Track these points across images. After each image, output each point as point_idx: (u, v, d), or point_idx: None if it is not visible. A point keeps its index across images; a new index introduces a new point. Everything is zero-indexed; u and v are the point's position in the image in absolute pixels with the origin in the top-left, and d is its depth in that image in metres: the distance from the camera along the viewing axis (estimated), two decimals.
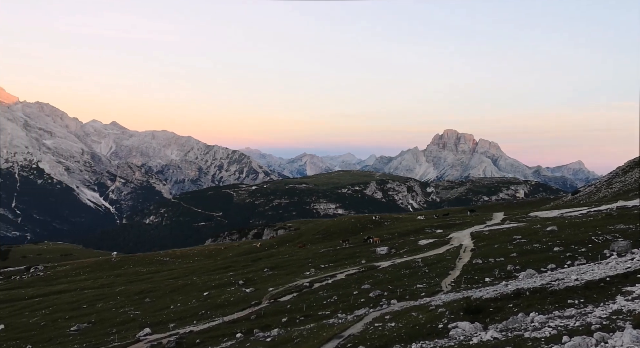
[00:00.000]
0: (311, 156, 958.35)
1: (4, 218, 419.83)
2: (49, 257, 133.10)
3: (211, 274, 61.54)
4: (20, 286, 76.67)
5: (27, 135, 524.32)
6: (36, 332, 39.58)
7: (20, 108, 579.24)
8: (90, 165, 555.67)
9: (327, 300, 33.26)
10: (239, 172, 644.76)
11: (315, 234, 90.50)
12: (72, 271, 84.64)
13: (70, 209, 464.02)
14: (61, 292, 60.46)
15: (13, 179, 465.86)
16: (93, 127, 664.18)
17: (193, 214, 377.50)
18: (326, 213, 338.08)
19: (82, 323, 40.55)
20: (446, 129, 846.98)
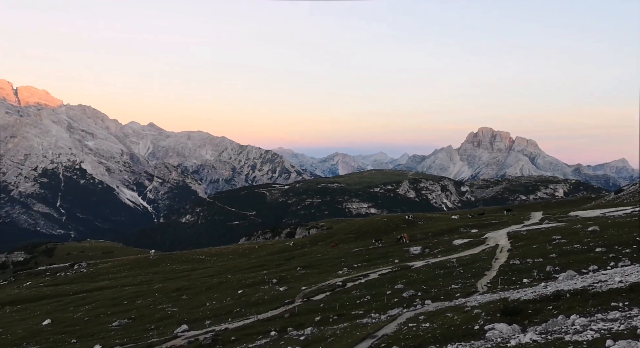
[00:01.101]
0: (343, 155, 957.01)
1: (49, 217, 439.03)
2: (92, 254, 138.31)
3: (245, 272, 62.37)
4: (65, 282, 79.99)
5: (70, 137, 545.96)
6: (80, 327, 41.15)
7: (64, 111, 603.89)
8: (129, 166, 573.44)
9: (360, 300, 33.19)
10: (271, 172, 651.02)
11: (347, 233, 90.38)
12: (113, 268, 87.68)
13: (110, 208, 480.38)
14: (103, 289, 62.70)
15: (58, 179, 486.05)
16: (132, 129, 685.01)
17: (227, 213, 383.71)
18: (358, 213, 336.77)
19: (122, 318, 41.87)
20: (481, 127, 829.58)
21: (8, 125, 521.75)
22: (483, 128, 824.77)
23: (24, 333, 40.49)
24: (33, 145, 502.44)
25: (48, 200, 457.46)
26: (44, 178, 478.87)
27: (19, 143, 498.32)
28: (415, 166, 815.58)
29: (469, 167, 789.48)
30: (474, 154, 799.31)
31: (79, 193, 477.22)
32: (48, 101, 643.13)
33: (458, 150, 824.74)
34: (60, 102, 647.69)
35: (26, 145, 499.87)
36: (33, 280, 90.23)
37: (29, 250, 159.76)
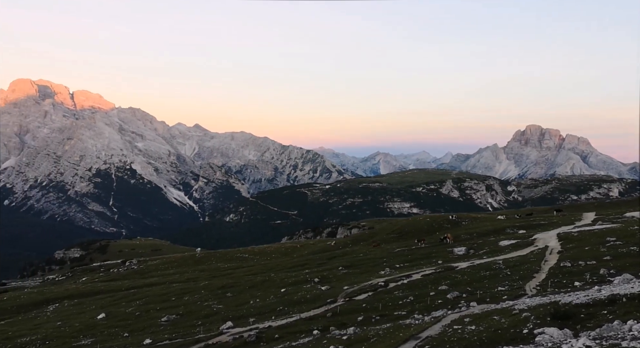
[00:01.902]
0: (385, 155, 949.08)
1: (103, 216, 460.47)
2: (141, 251, 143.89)
3: (288, 271, 63.03)
4: (117, 278, 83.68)
5: (121, 139, 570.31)
6: (132, 321, 42.94)
7: (116, 113, 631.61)
8: (176, 166, 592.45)
9: (402, 300, 32.87)
10: (313, 172, 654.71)
11: (389, 233, 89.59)
12: (161, 265, 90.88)
13: (159, 207, 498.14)
14: (152, 285, 65.04)
15: (110, 179, 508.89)
16: (178, 130, 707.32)
17: (269, 213, 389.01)
18: (400, 213, 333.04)
19: (171, 314, 43.29)
20: (529, 125, 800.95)
21: (65, 127, 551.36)
22: (531, 125, 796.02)
23: (80, 326, 42.65)
24: (88, 147, 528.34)
25: (101, 199, 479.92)
26: (97, 179, 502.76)
27: (75, 145, 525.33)
28: (459, 165, 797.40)
29: (515, 166, 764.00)
30: (521, 152, 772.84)
31: (129, 192, 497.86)
32: (101, 104, 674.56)
33: (504, 148, 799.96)
34: (112, 105, 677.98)
35: (81, 146, 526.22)
36: (88, 275, 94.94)
37: (84, 247, 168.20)
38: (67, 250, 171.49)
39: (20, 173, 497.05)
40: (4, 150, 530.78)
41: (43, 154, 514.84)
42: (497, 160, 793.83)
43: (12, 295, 70.77)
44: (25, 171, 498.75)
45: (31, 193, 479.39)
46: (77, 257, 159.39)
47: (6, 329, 46.27)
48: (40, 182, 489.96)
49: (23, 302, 61.58)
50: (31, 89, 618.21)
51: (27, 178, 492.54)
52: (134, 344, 33.76)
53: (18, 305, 59.73)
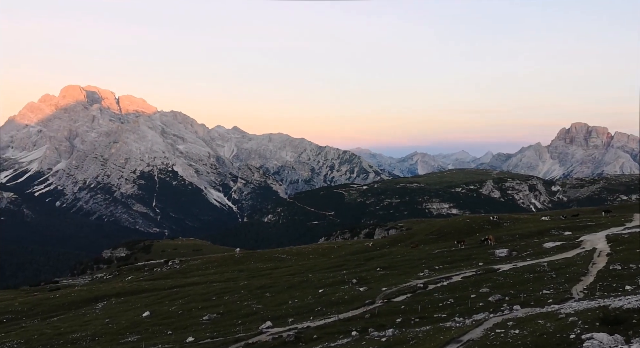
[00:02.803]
0: (422, 155, 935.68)
1: (147, 216, 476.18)
2: (183, 251, 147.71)
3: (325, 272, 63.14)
4: (160, 277, 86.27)
5: (163, 142, 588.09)
6: (175, 319, 44.17)
7: (158, 117, 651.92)
8: (216, 168, 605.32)
9: (442, 303, 32.36)
10: (349, 172, 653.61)
11: (428, 234, 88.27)
12: (202, 265, 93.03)
13: (199, 208, 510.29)
14: (194, 284, 66.67)
15: (153, 181, 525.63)
16: (217, 132, 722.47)
17: (307, 213, 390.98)
18: (439, 213, 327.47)
19: (212, 313, 44.25)
20: (574, 122, 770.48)
21: (111, 131, 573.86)
22: (576, 123, 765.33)
23: (127, 324, 44.26)
24: (132, 150, 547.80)
25: (145, 200, 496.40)
26: (141, 180, 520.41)
27: (120, 148, 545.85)
28: (500, 165, 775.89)
29: (560, 165, 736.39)
30: (566, 151, 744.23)
31: (171, 194, 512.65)
32: (145, 108, 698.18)
33: (548, 147, 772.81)
34: (155, 109, 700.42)
35: (126, 149, 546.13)
36: (134, 274, 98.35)
37: (129, 247, 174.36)
38: (113, 250, 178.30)
39: (70, 175, 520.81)
40: (55, 154, 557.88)
41: (91, 157, 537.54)
42: (540, 160, 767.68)
43: (63, 293, 74.23)
44: (74, 173, 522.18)
45: (80, 194, 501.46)
46: (123, 256, 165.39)
47: (59, 325, 48.62)
48: (88, 184, 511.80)
49: (74, 299, 64.44)
50: (80, 95, 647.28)
51: (76, 181, 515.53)
52: (177, 342, 34.72)
53: (69, 302, 62.58)
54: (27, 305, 62.89)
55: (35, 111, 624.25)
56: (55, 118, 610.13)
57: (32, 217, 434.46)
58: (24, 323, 54.29)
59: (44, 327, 48.28)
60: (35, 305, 62.12)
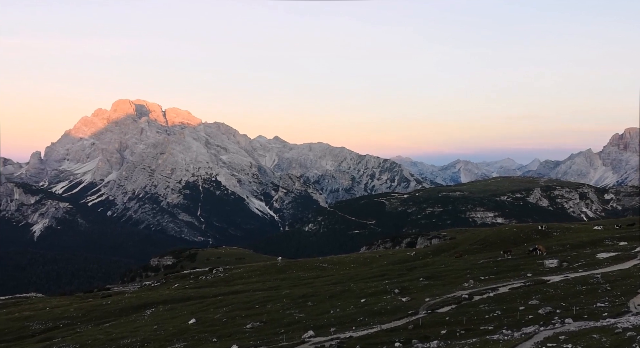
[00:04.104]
0: (465, 162, 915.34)
1: (192, 225, 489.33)
2: (227, 260, 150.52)
3: (367, 281, 62.65)
4: (205, 285, 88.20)
5: (207, 152, 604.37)
6: (219, 327, 44.99)
7: (203, 128, 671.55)
8: (257, 177, 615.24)
9: (489, 315, 31.43)
10: (390, 181, 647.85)
11: (472, 244, 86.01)
12: (245, 273, 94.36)
13: (242, 217, 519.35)
14: (237, 292, 67.73)
15: (197, 191, 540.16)
16: (259, 142, 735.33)
17: (347, 222, 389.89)
18: (484, 222, 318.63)
19: (255, 321, 44.74)
20: (628, 128, 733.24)
21: (158, 143, 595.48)
22: (630, 129, 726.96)
23: (174, 330, 45.47)
24: (178, 161, 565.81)
25: (190, 209, 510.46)
26: (186, 190, 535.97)
27: (167, 159, 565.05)
28: (548, 172, 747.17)
29: (613, 172, 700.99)
30: (619, 157, 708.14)
31: (215, 203, 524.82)
32: (190, 120, 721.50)
33: (599, 154, 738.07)
34: (199, 120, 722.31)
35: (172, 160, 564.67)
36: (180, 282, 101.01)
37: (175, 255, 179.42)
38: (160, 258, 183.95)
39: (120, 186, 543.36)
40: (107, 165, 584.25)
41: (139, 168, 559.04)
42: (591, 167, 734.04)
43: (115, 299, 77.17)
44: (124, 184, 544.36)
45: (130, 204, 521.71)
46: (170, 265, 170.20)
47: (111, 331, 50.59)
48: (137, 194, 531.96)
49: (124, 305, 66.89)
50: (129, 108, 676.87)
51: (126, 191, 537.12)
52: None
53: (120, 309, 65.00)
54: (81, 311, 65.80)
55: (88, 125, 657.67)
56: (107, 131, 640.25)
57: (86, 226, 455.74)
58: (78, 328, 56.81)
59: (97, 333, 50.36)
60: (89, 311, 64.89)
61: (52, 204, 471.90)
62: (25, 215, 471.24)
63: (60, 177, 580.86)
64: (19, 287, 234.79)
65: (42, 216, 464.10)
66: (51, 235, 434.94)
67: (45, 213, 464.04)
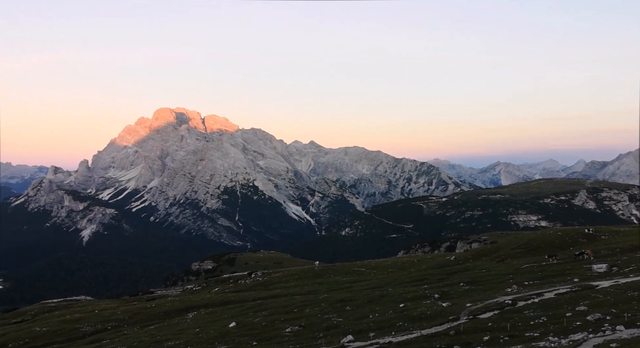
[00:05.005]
0: (506, 164, 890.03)
1: (230, 230, 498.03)
2: (265, 264, 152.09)
3: (406, 286, 61.89)
4: (244, 289, 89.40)
5: (245, 158, 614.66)
6: (259, 331, 45.46)
7: (240, 135, 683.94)
8: (294, 182, 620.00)
9: (534, 321, 30.48)
10: (427, 184, 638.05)
11: (514, 248, 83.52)
12: (283, 278, 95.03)
13: (279, 222, 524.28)
14: (276, 296, 68.29)
15: (235, 196, 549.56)
16: (295, 147, 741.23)
17: (384, 226, 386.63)
18: (526, 226, 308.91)
19: (294, 326, 44.98)
20: None
21: (198, 149, 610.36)
22: None
23: (215, 334, 46.31)
24: (216, 167, 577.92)
25: (229, 214, 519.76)
26: (225, 196, 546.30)
27: (206, 165, 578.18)
28: (594, 174, 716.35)
29: None
30: None
31: (252, 208, 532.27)
32: (227, 127, 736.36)
33: None
34: (237, 127, 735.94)
35: (211, 166, 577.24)
36: (220, 286, 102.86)
37: (215, 260, 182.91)
38: (201, 262, 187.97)
39: (162, 192, 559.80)
40: (149, 172, 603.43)
41: (180, 175, 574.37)
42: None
43: (158, 302, 79.42)
44: (166, 190, 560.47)
45: (171, 210, 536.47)
46: (210, 269, 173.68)
47: (155, 333, 52.10)
48: (178, 200, 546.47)
49: (168, 309, 68.70)
50: (170, 117, 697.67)
51: (167, 197, 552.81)
52: None
53: (164, 312, 66.79)
54: (127, 313, 68.08)
55: (132, 133, 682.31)
56: (149, 139, 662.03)
57: (130, 232, 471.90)
58: (125, 330, 58.79)
59: (143, 335, 51.97)
60: (135, 314, 67.04)
61: (99, 210, 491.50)
62: (75, 221, 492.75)
63: (107, 184, 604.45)
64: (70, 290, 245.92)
65: (90, 222, 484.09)
66: (98, 240, 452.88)
67: (93, 219, 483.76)
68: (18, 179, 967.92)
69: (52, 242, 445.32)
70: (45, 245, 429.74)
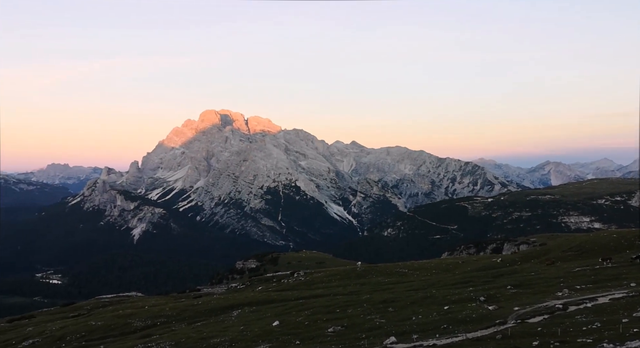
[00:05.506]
0: (556, 164, 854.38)
1: (273, 230, 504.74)
2: (307, 264, 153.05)
3: (450, 288, 60.76)
4: (287, 288, 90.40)
5: (287, 158, 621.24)
6: (302, 330, 45.89)
7: (282, 135, 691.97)
8: (335, 182, 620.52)
9: (587, 326, 29.22)
10: (472, 184, 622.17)
11: (565, 251, 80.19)
12: (325, 278, 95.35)
13: (320, 222, 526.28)
14: (318, 296, 68.68)
15: (278, 196, 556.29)
16: (336, 147, 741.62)
17: (427, 227, 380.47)
18: (578, 228, 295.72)
19: (336, 326, 45.11)
20: None
21: (241, 150, 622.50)
22: None
23: (259, 332, 47.11)
24: (259, 167, 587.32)
25: (272, 214, 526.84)
26: (268, 196, 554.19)
27: (249, 166, 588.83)
28: None
29: None
30: None
31: (294, 208, 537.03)
32: (270, 128, 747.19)
33: None
34: (279, 128, 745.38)
35: (254, 167, 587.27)
36: (263, 285, 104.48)
37: (259, 259, 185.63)
38: (245, 261, 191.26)
39: (207, 192, 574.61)
40: (196, 173, 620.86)
41: (225, 175, 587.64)
42: None
43: (205, 300, 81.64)
44: (211, 190, 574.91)
45: (216, 209, 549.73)
46: (253, 268, 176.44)
47: (202, 330, 53.64)
48: (223, 200, 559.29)
49: (213, 306, 70.53)
50: (215, 118, 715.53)
51: (213, 197, 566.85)
52: None
53: (209, 309, 68.63)
54: (175, 310, 70.38)
55: (179, 135, 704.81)
56: (195, 140, 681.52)
57: (178, 231, 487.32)
58: (173, 326, 60.84)
59: (190, 331, 53.62)
60: (182, 311, 69.22)
61: (149, 210, 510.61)
62: (126, 219, 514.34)
63: (155, 184, 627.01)
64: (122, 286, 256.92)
65: (140, 221, 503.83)
66: (148, 239, 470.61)
67: (143, 218, 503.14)
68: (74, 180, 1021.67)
69: (106, 240, 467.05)
70: (99, 243, 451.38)
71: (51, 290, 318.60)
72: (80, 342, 57.90)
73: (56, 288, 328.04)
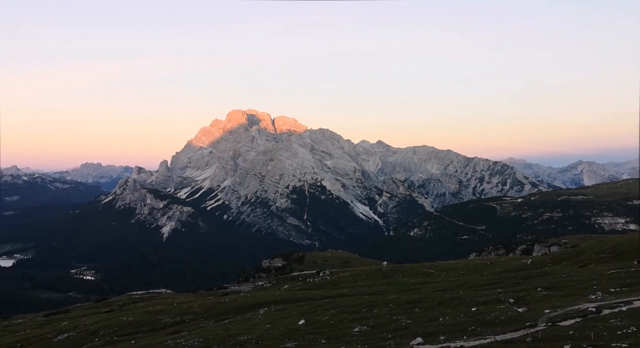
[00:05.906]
0: (589, 164, 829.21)
1: (299, 229, 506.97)
2: (333, 263, 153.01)
3: (478, 289, 59.78)
4: (313, 287, 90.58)
5: (313, 158, 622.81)
6: (327, 329, 45.94)
7: (308, 135, 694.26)
8: (361, 182, 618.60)
9: (621, 331, 28.35)
10: (501, 184, 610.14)
11: (599, 252, 77.80)
12: (351, 277, 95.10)
13: (346, 221, 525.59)
14: (344, 296, 68.59)
15: (304, 196, 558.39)
16: (362, 147, 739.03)
17: (455, 227, 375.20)
18: (612, 229, 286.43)
19: (362, 325, 44.99)
20: None
21: (268, 150, 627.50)
22: None
23: (285, 330, 47.43)
24: (285, 166, 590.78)
25: (297, 214, 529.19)
26: (293, 195, 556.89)
27: (275, 165, 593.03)
28: None
29: None
30: None
31: (320, 207, 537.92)
32: (296, 127, 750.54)
33: None
34: (305, 127, 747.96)
35: (280, 166, 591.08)
36: (289, 283, 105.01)
37: (285, 258, 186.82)
38: (271, 260, 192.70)
39: (234, 191, 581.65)
40: (223, 172, 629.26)
41: (251, 174, 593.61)
42: None
43: (232, 298, 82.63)
44: (238, 190, 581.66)
45: (243, 209, 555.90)
46: (280, 266, 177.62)
47: (229, 327, 54.33)
48: (249, 199, 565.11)
49: (240, 304, 71.29)
50: (242, 118, 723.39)
51: (239, 196, 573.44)
52: None
53: (236, 307, 69.40)
54: (203, 307, 71.51)
55: (207, 135, 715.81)
56: (222, 140, 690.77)
57: (205, 229, 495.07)
58: (201, 323, 61.84)
59: (217, 328, 54.41)
60: (210, 308, 70.25)
61: (177, 208, 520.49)
62: (156, 218, 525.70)
63: (184, 183, 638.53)
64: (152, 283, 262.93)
65: (169, 219, 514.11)
66: (177, 237, 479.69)
67: (172, 217, 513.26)
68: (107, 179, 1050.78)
69: (137, 237, 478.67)
70: (130, 241, 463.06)
71: (85, 286, 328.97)
72: (112, 337, 59.47)
73: (90, 284, 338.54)
